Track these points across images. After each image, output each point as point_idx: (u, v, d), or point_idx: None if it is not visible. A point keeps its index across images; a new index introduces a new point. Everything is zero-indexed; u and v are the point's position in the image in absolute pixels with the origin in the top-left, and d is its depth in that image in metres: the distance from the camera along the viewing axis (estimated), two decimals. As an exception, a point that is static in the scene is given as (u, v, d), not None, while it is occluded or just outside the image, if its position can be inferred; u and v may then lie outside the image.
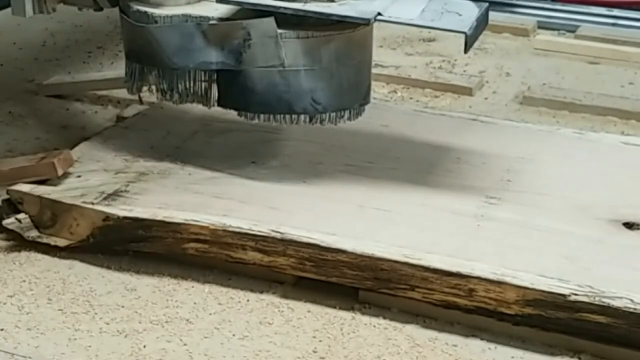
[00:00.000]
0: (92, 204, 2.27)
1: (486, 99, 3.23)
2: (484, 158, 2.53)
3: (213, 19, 2.29)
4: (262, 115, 2.32)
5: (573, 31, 3.80)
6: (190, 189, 2.36)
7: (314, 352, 1.99)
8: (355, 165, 2.47)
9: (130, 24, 2.39)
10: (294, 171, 2.45)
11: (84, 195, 2.31)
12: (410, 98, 3.21)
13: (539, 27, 3.88)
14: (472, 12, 2.28)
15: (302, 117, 2.32)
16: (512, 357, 2.00)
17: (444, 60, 3.49)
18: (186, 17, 2.31)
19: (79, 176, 2.41)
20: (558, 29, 3.87)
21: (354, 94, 2.36)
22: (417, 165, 2.48)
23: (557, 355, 2.00)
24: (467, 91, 3.25)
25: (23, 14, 2.35)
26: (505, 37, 3.78)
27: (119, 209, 2.25)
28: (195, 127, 2.66)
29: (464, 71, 3.34)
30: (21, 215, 2.31)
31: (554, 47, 3.64)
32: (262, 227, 2.16)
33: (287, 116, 2.32)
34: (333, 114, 2.34)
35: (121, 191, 2.33)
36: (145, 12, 2.34)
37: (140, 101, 3.08)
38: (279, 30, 2.24)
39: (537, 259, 2.08)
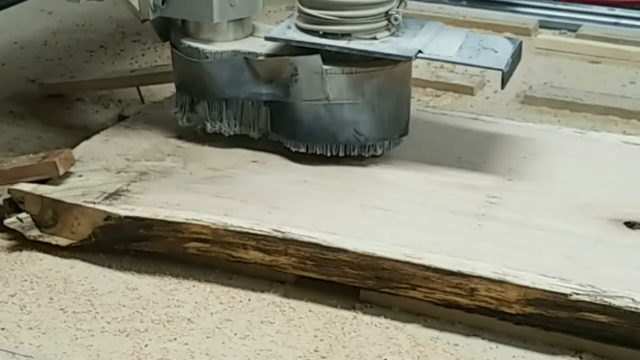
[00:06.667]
0: (94, 203, 2.27)
1: (487, 98, 3.23)
2: (485, 157, 2.53)
3: (261, 54, 2.41)
4: (307, 145, 2.43)
5: (574, 30, 3.80)
6: (192, 188, 2.37)
7: (315, 351, 2.00)
8: (357, 164, 2.47)
9: (181, 59, 2.51)
10: (295, 170, 2.45)
11: (86, 194, 2.31)
12: (412, 97, 3.20)
13: (541, 27, 3.88)
14: (507, 48, 2.39)
15: (344, 147, 2.43)
16: (514, 357, 2.00)
17: (445, 60, 3.49)
18: (235, 53, 2.43)
19: (80, 175, 2.41)
20: (559, 28, 3.87)
21: (394, 126, 2.46)
22: (418, 164, 2.48)
23: (559, 354, 2.00)
24: (468, 90, 3.25)
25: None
26: (506, 36, 3.77)
27: (120, 209, 2.25)
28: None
29: (465, 70, 3.34)
30: (22, 215, 2.31)
31: (555, 47, 3.64)
32: (263, 227, 2.16)
33: (331, 146, 2.42)
34: (374, 144, 2.44)
35: (122, 190, 2.33)
36: (197, 48, 2.47)
37: (142, 100, 3.09)
38: (325, 67, 2.34)
39: (538, 258, 2.08)
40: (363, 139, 2.42)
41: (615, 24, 3.88)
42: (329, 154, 2.44)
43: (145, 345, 2.00)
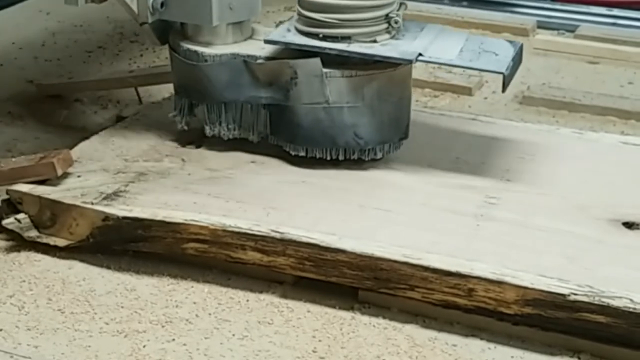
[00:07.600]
0: (92, 204, 2.27)
1: (486, 98, 3.23)
2: (483, 158, 2.53)
3: (260, 57, 2.40)
4: (306, 148, 2.42)
5: (573, 31, 3.79)
6: (190, 188, 2.36)
7: (314, 351, 2.00)
8: (356, 164, 2.47)
9: (180, 62, 2.50)
10: (294, 171, 2.45)
11: (84, 195, 2.31)
12: (410, 98, 3.21)
13: (539, 27, 3.88)
14: (508, 51, 2.36)
15: (344, 150, 2.41)
16: (512, 357, 2.00)
17: (443, 60, 3.48)
18: (235, 56, 2.41)
19: (78, 176, 2.41)
20: (557, 29, 3.87)
21: (394, 129, 2.45)
22: (416, 165, 2.48)
23: (557, 355, 2.00)
24: (466, 91, 3.25)
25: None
26: (505, 36, 3.76)
27: (118, 209, 2.25)
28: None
29: (464, 71, 3.34)
30: (21, 215, 2.31)
31: (553, 47, 3.64)
32: (261, 227, 2.16)
33: (330, 150, 2.41)
34: (374, 148, 2.43)
35: (121, 191, 2.33)
36: (196, 51, 2.46)
37: (140, 101, 3.09)
38: (324, 70, 2.33)
39: (537, 258, 2.08)
40: (363, 142, 2.41)
41: (613, 24, 3.87)
42: (328, 158, 2.43)
43: (144, 346, 2.00)
